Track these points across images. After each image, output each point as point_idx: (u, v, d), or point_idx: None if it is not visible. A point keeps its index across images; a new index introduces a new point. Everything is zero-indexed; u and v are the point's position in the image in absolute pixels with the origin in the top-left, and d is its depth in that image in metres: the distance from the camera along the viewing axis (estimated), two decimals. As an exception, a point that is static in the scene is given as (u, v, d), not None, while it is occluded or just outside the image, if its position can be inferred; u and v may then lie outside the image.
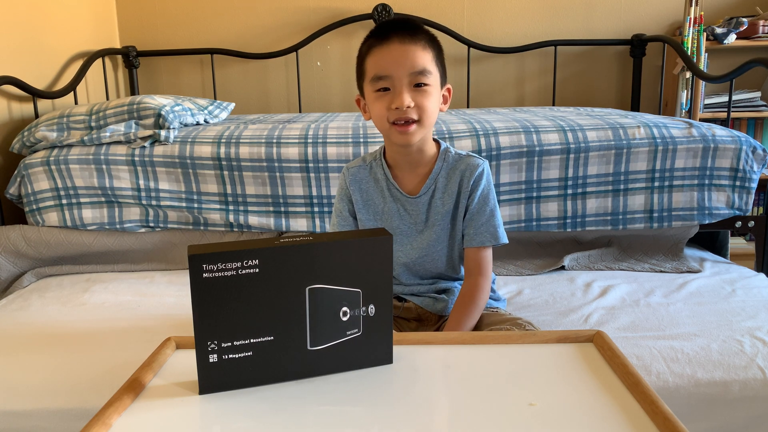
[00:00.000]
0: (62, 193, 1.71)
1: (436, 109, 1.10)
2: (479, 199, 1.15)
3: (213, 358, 0.71)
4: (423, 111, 1.07)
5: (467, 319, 1.12)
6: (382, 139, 1.69)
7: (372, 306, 0.76)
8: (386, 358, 0.78)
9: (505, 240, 1.16)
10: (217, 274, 0.68)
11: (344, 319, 0.75)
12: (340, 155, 1.66)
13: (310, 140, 1.69)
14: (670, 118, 1.87)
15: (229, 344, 0.71)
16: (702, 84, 2.46)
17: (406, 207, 1.17)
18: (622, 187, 1.67)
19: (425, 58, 1.06)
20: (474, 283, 1.15)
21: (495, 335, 0.86)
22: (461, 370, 0.77)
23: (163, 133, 1.72)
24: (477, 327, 1.13)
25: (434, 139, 1.19)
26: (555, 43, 2.64)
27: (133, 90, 2.72)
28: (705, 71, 2.37)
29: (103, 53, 2.45)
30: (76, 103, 2.21)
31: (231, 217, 1.70)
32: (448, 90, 1.15)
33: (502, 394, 0.71)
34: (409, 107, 1.05)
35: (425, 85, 1.07)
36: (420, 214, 1.17)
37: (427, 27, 1.12)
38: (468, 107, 2.68)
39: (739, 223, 1.73)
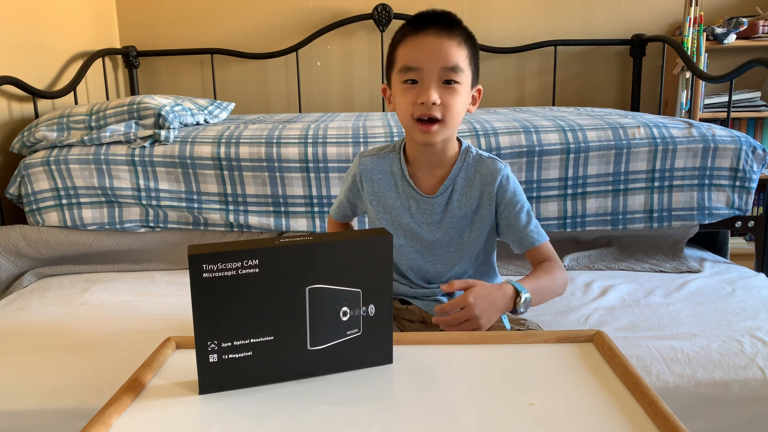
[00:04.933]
0: (62, 193, 1.71)
1: (463, 109, 1.06)
2: (512, 205, 1.12)
3: (213, 358, 0.71)
4: (448, 110, 1.02)
5: (535, 278, 1.06)
6: (383, 140, 1.70)
7: (372, 306, 0.76)
8: (386, 358, 0.78)
9: (546, 236, 1.14)
10: (217, 274, 0.68)
11: (344, 319, 0.75)
12: (340, 155, 1.66)
13: (310, 140, 1.69)
14: (670, 118, 1.87)
15: (229, 344, 0.71)
16: (702, 84, 2.46)
17: (420, 205, 1.13)
18: (622, 187, 1.67)
19: (459, 55, 1.02)
20: (540, 266, 1.12)
21: (495, 335, 0.86)
22: (461, 370, 0.77)
23: (163, 133, 1.72)
24: None
25: (457, 138, 1.15)
26: (555, 43, 2.64)
27: (133, 90, 2.72)
28: (705, 71, 2.37)
29: (103, 53, 2.45)
30: (76, 103, 2.21)
31: (231, 217, 1.70)
32: (479, 91, 1.11)
33: (502, 394, 0.71)
34: (435, 104, 1.01)
35: (455, 82, 1.02)
36: (433, 215, 1.13)
37: (464, 24, 1.07)
38: (468, 107, 2.68)
39: (739, 223, 1.73)
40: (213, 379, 0.71)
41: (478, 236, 1.15)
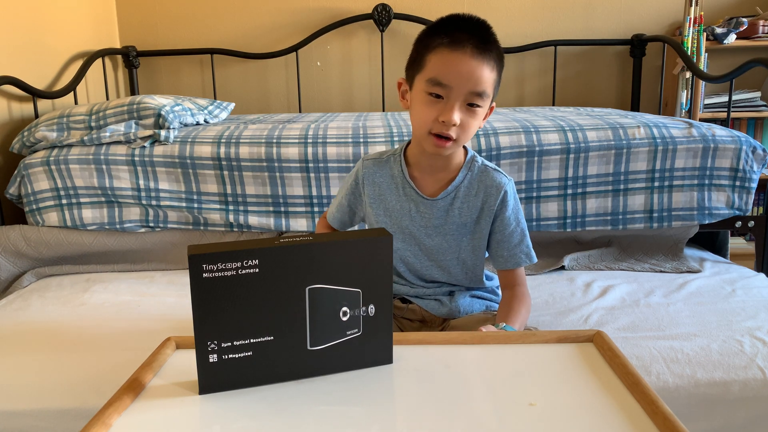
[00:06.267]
0: (62, 193, 1.71)
1: (477, 128, 1.06)
2: (509, 221, 1.13)
3: (213, 358, 0.71)
4: (465, 131, 1.03)
5: (515, 313, 1.08)
6: (383, 140, 1.70)
7: (372, 306, 0.76)
8: (386, 358, 0.78)
9: (536, 258, 1.15)
10: (217, 274, 0.68)
11: (344, 319, 0.75)
12: (340, 155, 1.66)
13: (310, 140, 1.69)
14: (670, 118, 1.87)
15: (229, 344, 0.71)
16: (702, 84, 2.46)
17: (420, 208, 1.13)
18: (622, 187, 1.67)
19: (488, 80, 1.01)
20: (512, 294, 1.14)
21: (495, 335, 0.86)
22: (461, 370, 0.77)
23: (163, 133, 1.73)
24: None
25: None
26: (555, 43, 2.64)
27: (133, 90, 2.72)
28: (705, 71, 2.37)
29: (103, 53, 2.45)
30: (76, 103, 2.21)
31: (231, 217, 1.70)
32: (491, 108, 1.10)
33: (502, 394, 0.71)
34: (455, 125, 1.01)
35: (478, 106, 1.02)
36: (433, 219, 1.13)
37: (496, 37, 1.04)
38: (468, 107, 2.67)
39: (739, 223, 1.73)
40: (213, 379, 0.71)
41: (476, 246, 1.15)
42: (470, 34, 1.00)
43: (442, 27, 1.02)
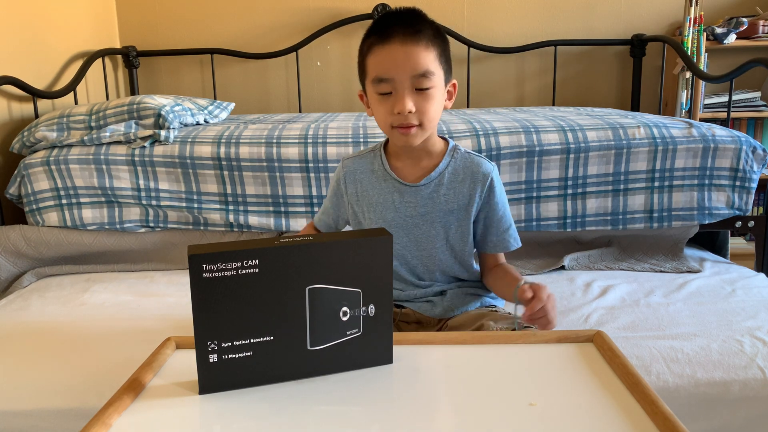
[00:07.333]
0: (62, 193, 1.71)
1: (439, 110, 1.07)
2: (498, 207, 1.15)
3: (213, 358, 0.71)
4: (425, 115, 1.04)
5: (516, 272, 1.13)
6: (383, 139, 1.70)
7: (372, 306, 0.76)
8: (386, 358, 0.78)
9: (520, 242, 1.19)
10: (217, 274, 0.68)
11: (344, 319, 0.75)
12: (340, 155, 1.66)
13: (310, 140, 1.69)
14: (670, 118, 1.87)
15: (229, 344, 0.71)
16: (702, 84, 2.46)
17: (404, 197, 1.13)
18: (622, 187, 1.67)
19: (427, 59, 1.02)
20: (502, 267, 1.19)
21: (495, 335, 0.86)
22: (461, 370, 0.77)
23: (163, 133, 1.72)
24: (478, 327, 1.13)
25: (441, 137, 1.16)
26: (555, 43, 2.64)
27: (133, 90, 2.72)
28: (705, 71, 2.37)
29: (103, 53, 2.45)
30: (76, 103, 2.21)
31: (231, 217, 1.70)
32: (453, 85, 1.11)
33: (502, 394, 0.71)
34: (410, 112, 1.02)
35: (428, 88, 1.03)
36: (419, 206, 1.13)
37: (430, 18, 1.07)
38: (468, 107, 2.68)
39: (739, 223, 1.73)
40: (213, 379, 0.71)
41: (464, 232, 1.15)
42: (396, 23, 1.02)
43: (372, 28, 1.06)
